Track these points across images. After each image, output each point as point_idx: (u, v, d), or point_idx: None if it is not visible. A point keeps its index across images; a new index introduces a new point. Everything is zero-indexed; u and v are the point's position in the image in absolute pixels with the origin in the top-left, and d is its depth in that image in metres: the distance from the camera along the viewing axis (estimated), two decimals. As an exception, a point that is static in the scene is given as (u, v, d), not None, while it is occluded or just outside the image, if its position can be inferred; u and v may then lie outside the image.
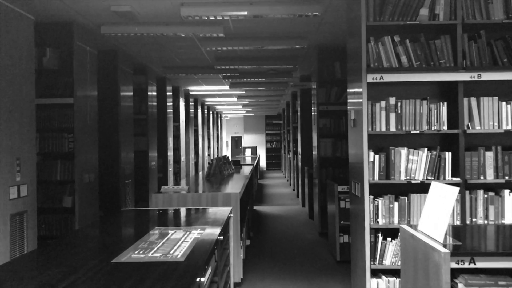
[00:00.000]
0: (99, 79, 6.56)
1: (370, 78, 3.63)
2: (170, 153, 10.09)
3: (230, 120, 24.27)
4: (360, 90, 3.68)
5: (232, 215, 3.35)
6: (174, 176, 10.89)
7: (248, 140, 23.32)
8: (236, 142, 24.10)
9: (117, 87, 6.71)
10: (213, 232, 2.58)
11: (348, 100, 4.24)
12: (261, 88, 10.95)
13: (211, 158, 16.70)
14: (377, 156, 3.69)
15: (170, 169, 10.10)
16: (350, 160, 4.19)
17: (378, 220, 3.68)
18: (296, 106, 12.18)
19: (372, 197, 3.69)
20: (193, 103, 13.07)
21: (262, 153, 22.59)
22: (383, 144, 3.87)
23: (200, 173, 6.25)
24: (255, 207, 9.91)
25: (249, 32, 5.99)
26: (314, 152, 7.09)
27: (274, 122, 22.15)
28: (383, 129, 3.68)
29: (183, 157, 11.53)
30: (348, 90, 4.28)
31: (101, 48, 6.58)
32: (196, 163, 13.87)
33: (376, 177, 3.69)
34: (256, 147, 22.07)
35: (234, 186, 5.04)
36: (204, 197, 4.38)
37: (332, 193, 5.52)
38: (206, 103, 15.29)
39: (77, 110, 5.24)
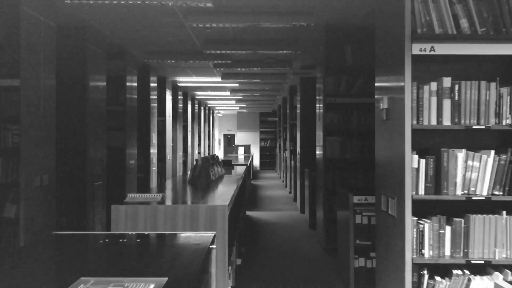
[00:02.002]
0: (60, 60, 5.40)
1: (417, 49, 2.55)
2: (153, 150, 8.97)
3: (222, 117, 23.16)
4: (401, 66, 2.60)
5: (215, 246, 2.26)
6: (158, 176, 9.79)
7: (241, 138, 22.22)
8: (229, 139, 23.01)
9: (84, 71, 5.58)
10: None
11: (377, 85, 3.17)
12: (256, 80, 9.85)
13: (200, 157, 15.61)
14: (423, 161, 2.61)
15: (153, 168, 8.99)
16: (379, 165, 3.11)
17: (423, 251, 2.60)
18: (294, 101, 11.11)
19: (416, 219, 2.61)
20: (181, 97, 11.96)
21: (256, 152, 21.50)
22: (430, 143, 2.79)
23: (189, 173, 5.34)
24: (248, 213, 8.83)
25: (242, 3, 4.89)
26: (319, 152, 6.01)
27: (269, 120, 21.03)
28: (433, 122, 2.61)
29: (169, 156, 10.42)
30: (376, 73, 3.20)
31: (65, 22, 5.45)
32: (185, 162, 12.76)
33: (421, 191, 2.61)
34: (249, 145, 20.96)
35: (222, 195, 3.94)
36: (181, 211, 3.28)
37: (344, 204, 4.45)
38: (196, 97, 14.17)
39: (25, 95, 4.11)
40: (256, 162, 21.31)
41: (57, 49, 5.19)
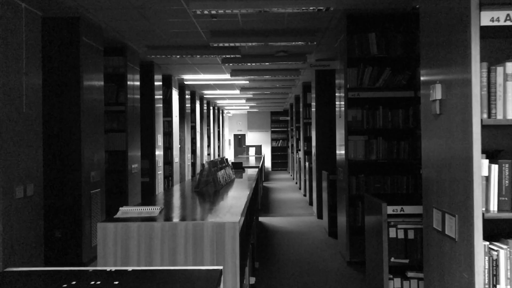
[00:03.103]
0: (49, 55, 4.89)
1: (487, 19, 1.92)
2: (159, 153, 8.43)
3: (232, 117, 22.59)
4: (464, 43, 1.97)
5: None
6: (165, 180, 9.25)
7: (252, 138, 21.62)
8: (239, 140, 22.43)
9: (78, 68, 5.02)
10: None
11: (424, 74, 2.54)
12: (268, 76, 9.24)
13: (212, 158, 15.03)
14: (495, 167, 1.98)
15: (159, 172, 8.45)
16: (429, 171, 2.48)
17: (498, 287, 1.97)
18: (308, 98, 10.49)
19: (487, 243, 1.99)
20: (189, 96, 11.40)
21: (267, 152, 20.87)
22: (502, 143, 2.16)
23: (198, 176, 4.85)
24: (260, 218, 8.23)
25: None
26: (340, 153, 5.39)
27: (280, 119, 20.40)
28: (510, 115, 1.97)
29: (176, 158, 9.88)
30: (423, 57, 2.58)
31: (54, 12, 4.90)
32: (194, 164, 12.21)
33: (493, 207, 1.98)
34: (260, 145, 20.36)
35: (233, 205, 3.33)
36: (181, 231, 2.68)
37: (375, 214, 3.82)
38: (205, 96, 13.60)
39: (2, 93, 3.55)
40: (268, 162, 20.70)
41: (45, 43, 4.65)
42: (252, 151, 18.93)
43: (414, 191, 5.03)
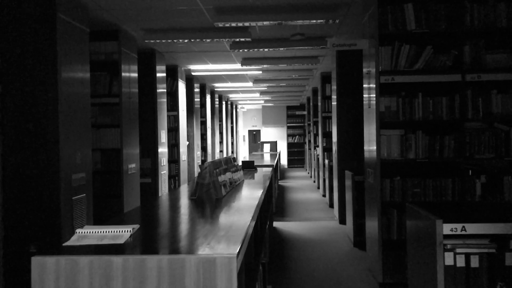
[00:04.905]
0: (10, 34, 4.08)
1: None
2: (163, 150, 7.61)
3: (247, 112, 21.72)
4: None
5: None
6: (171, 180, 8.44)
7: (267, 133, 20.73)
8: (254, 136, 21.56)
9: (53, 51, 4.17)
10: None
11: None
12: (283, 65, 8.33)
13: (224, 155, 14.19)
14: None
15: (163, 172, 7.63)
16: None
17: None
18: (327, 91, 9.58)
19: None
20: (198, 89, 10.58)
21: (283, 148, 19.96)
22: None
23: (196, 179, 4.15)
24: (275, 223, 7.36)
25: None
26: (370, 149, 4.48)
27: (297, 113, 19.47)
28: None
29: (184, 156, 9.07)
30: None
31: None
32: (203, 163, 11.38)
33: None
34: (276, 141, 19.41)
35: (233, 225, 2.44)
36: (152, 270, 1.81)
37: (420, 228, 2.91)
38: (216, 89, 12.74)
39: None
40: (284, 159, 19.80)
41: (4, 20, 3.84)
42: (267, 147, 18.00)
43: (461, 197, 4.11)
